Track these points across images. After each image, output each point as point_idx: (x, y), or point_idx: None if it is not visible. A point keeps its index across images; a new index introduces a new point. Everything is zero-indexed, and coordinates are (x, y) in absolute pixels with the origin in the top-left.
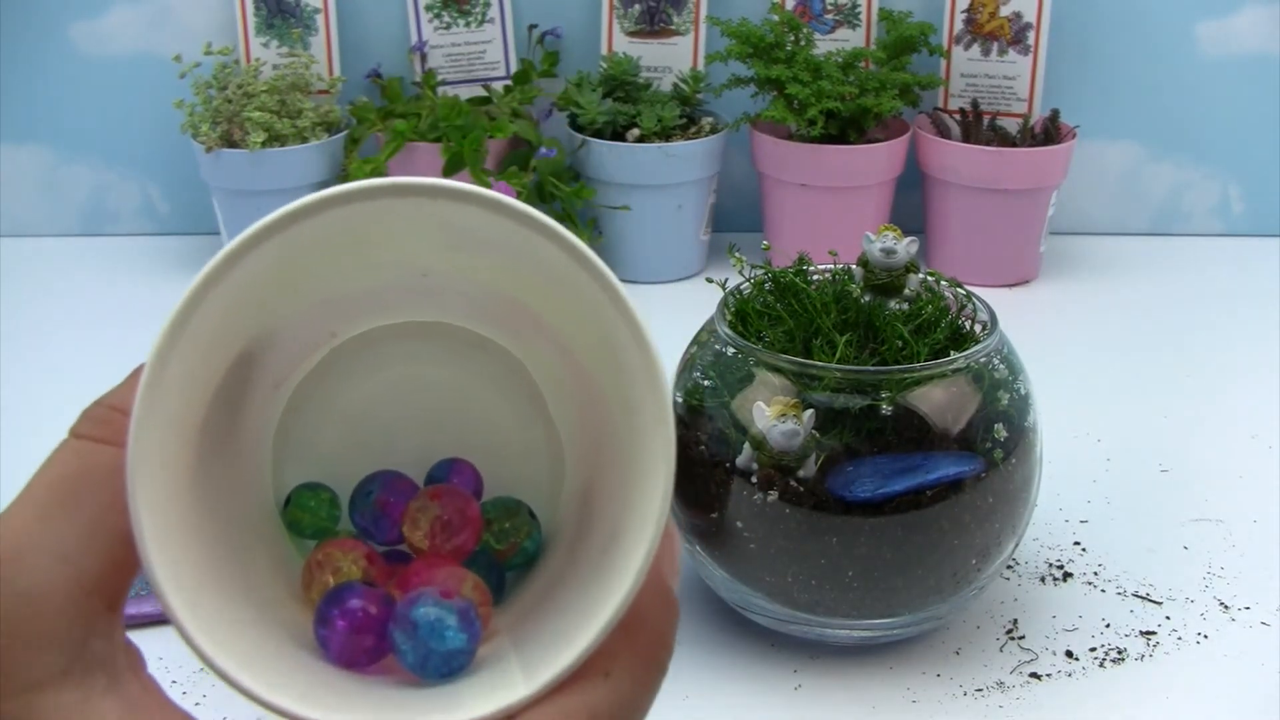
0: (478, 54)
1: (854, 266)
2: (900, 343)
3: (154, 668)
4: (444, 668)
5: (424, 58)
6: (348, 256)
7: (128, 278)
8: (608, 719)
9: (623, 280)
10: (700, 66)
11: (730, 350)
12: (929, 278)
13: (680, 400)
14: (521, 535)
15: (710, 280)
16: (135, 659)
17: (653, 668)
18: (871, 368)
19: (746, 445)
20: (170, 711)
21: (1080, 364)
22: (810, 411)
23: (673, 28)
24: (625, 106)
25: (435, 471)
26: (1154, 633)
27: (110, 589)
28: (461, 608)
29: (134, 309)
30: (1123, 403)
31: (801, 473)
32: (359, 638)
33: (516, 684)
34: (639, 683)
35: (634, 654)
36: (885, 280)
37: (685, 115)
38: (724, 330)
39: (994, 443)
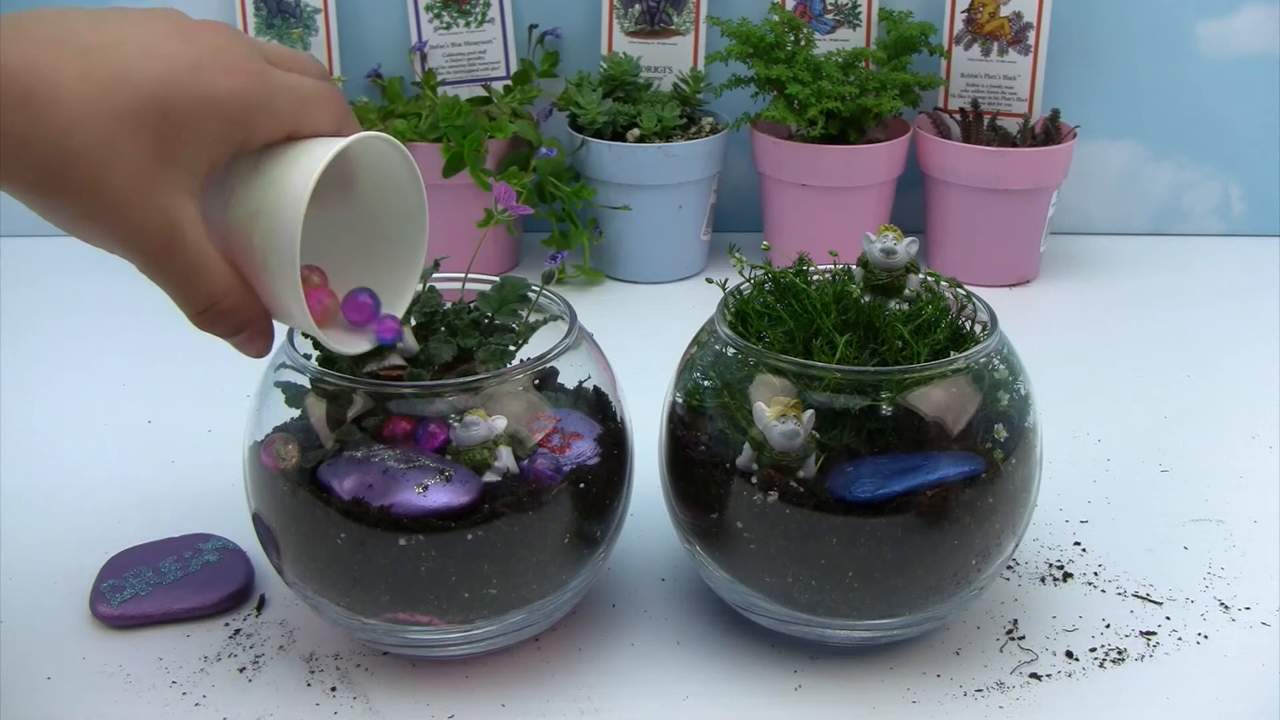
0: (478, 54)
1: (854, 267)
2: (900, 343)
3: (154, 668)
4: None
5: (424, 58)
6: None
7: (128, 277)
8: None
9: (623, 280)
10: (700, 66)
11: (730, 351)
12: (929, 278)
13: (680, 400)
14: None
15: (710, 280)
16: None
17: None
18: (872, 368)
19: (747, 446)
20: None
21: (1081, 364)
22: (810, 412)
23: (673, 28)
24: (625, 106)
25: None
26: (1154, 633)
27: (248, 126)
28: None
29: (133, 309)
30: (1123, 403)
31: (802, 473)
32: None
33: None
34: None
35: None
36: (885, 280)
37: (685, 115)
38: (724, 331)
39: (994, 443)
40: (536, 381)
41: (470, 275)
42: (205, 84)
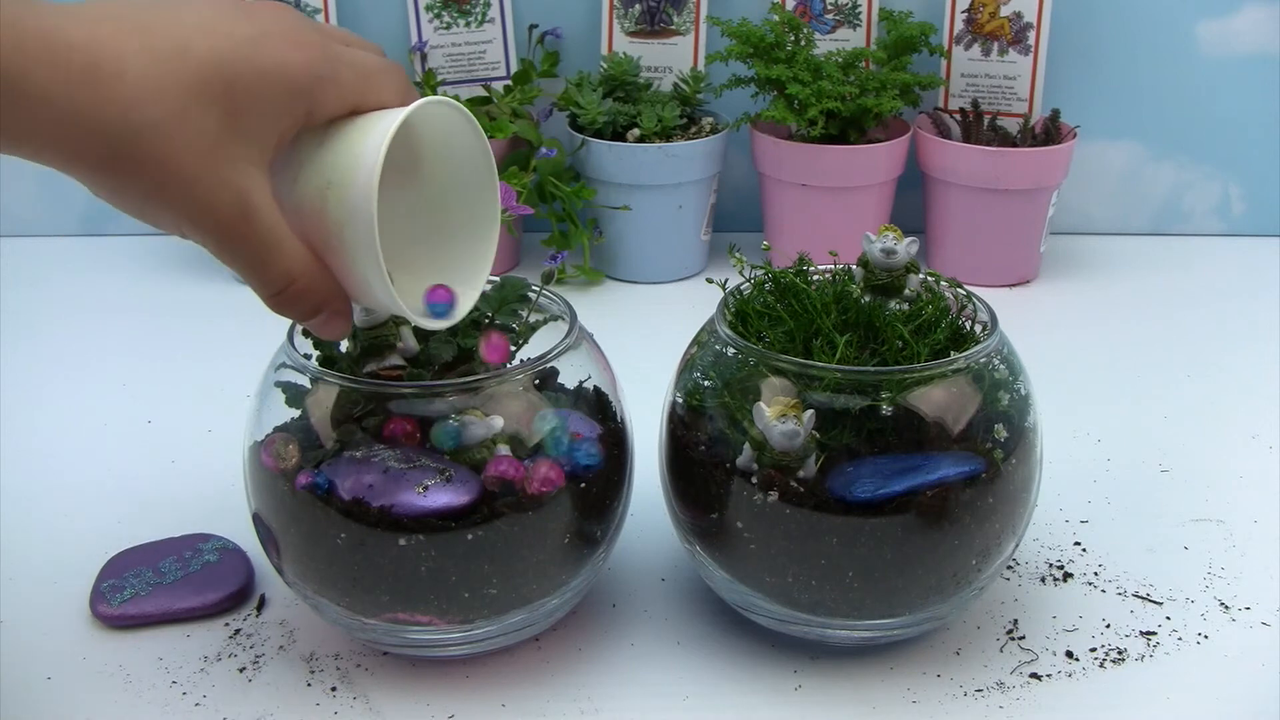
0: (478, 54)
1: (854, 267)
2: (900, 343)
3: (154, 668)
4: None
5: (424, 58)
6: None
7: (127, 278)
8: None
9: (623, 280)
10: (700, 66)
11: (730, 350)
12: (929, 278)
13: (680, 400)
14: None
15: (710, 280)
16: None
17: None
18: (872, 368)
19: (747, 446)
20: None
21: (1080, 364)
22: (810, 412)
23: (673, 28)
24: (625, 106)
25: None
26: (1154, 633)
27: (313, 99)
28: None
29: (133, 309)
30: (1123, 403)
31: (802, 473)
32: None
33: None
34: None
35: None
36: (885, 280)
37: (685, 115)
38: (724, 330)
39: (994, 443)
40: (536, 381)
41: None
42: (269, 57)
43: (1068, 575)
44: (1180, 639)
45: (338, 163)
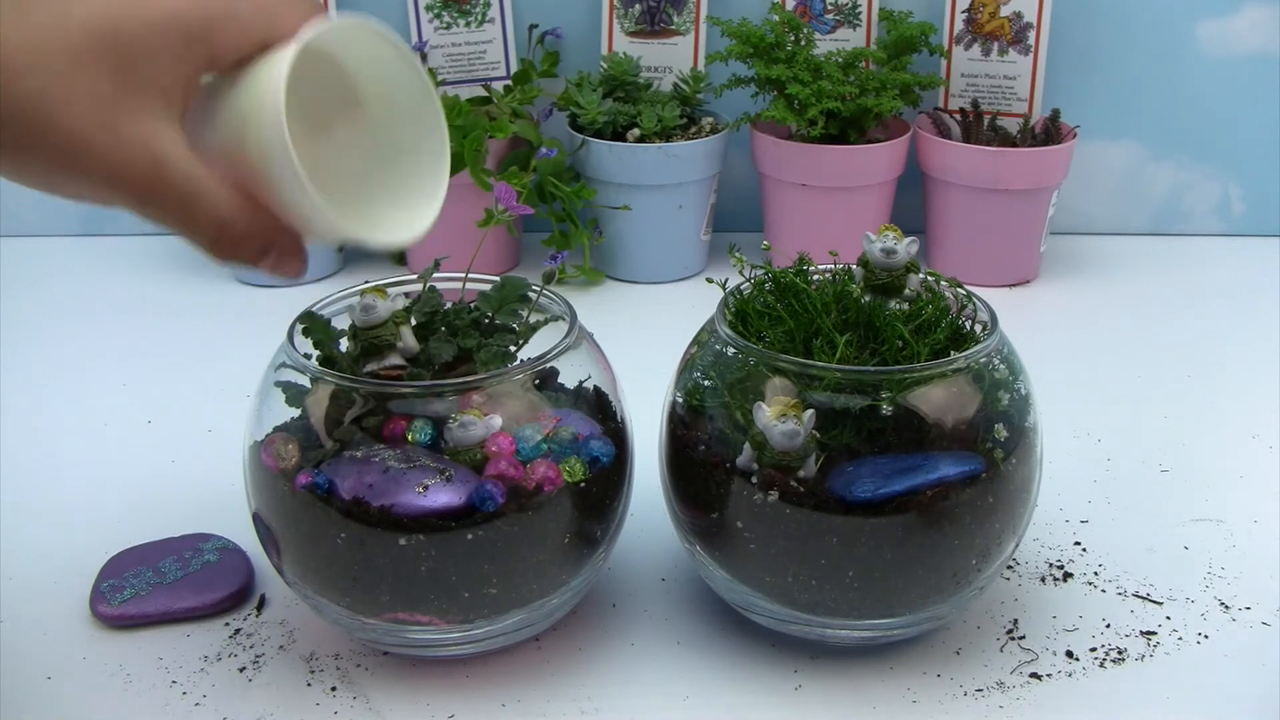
0: (478, 54)
1: (854, 266)
2: (900, 343)
3: (154, 668)
4: None
5: (424, 58)
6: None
7: (128, 278)
8: None
9: (623, 280)
10: (700, 66)
11: (730, 350)
12: (929, 278)
13: (680, 400)
14: None
15: (710, 280)
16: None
17: None
18: (872, 368)
19: (747, 446)
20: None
21: (1080, 364)
22: (810, 411)
23: (673, 28)
24: (625, 106)
25: None
26: (1154, 633)
27: (210, 42)
28: None
29: (134, 309)
30: (1123, 403)
31: (802, 473)
32: None
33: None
34: None
35: None
36: (885, 280)
37: (685, 115)
38: (724, 330)
39: (994, 443)
40: (536, 381)
41: (470, 275)
42: (155, 6)
43: (1068, 575)
44: (1180, 639)
45: (248, 97)
